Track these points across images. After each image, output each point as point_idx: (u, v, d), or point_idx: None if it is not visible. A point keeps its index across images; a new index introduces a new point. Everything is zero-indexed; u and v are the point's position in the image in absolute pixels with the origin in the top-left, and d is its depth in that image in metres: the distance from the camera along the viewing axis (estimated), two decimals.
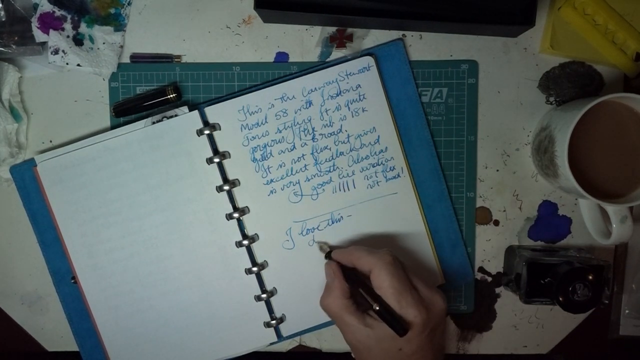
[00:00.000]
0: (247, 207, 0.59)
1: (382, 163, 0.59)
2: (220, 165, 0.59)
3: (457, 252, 0.61)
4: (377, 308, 0.51)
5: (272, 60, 0.61)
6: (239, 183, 0.59)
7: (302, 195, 0.60)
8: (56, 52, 0.59)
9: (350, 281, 0.54)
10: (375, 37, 0.60)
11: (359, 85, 0.59)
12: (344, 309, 0.53)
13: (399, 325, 0.51)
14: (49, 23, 0.58)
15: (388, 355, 0.52)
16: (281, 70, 0.60)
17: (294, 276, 0.60)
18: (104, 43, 0.59)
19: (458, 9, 0.55)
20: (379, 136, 0.59)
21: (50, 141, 0.61)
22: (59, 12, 0.59)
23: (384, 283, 0.52)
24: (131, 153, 0.59)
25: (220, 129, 0.59)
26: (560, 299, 0.56)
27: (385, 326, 0.51)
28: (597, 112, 0.53)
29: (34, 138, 0.61)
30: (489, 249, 0.62)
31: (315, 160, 0.59)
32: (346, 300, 0.54)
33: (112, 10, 0.59)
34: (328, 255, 0.58)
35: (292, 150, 0.59)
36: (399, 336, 0.51)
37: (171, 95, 0.59)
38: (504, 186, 0.61)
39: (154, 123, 0.59)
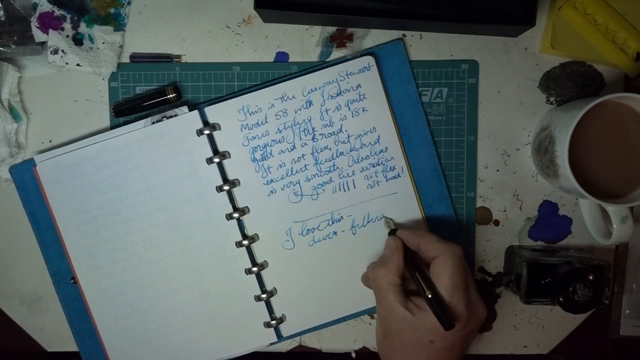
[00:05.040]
0: (247, 207, 0.59)
1: (382, 163, 0.59)
2: (220, 165, 0.59)
3: None
4: (430, 296, 0.51)
5: (272, 60, 0.60)
6: (239, 183, 0.59)
7: (302, 195, 0.59)
8: (56, 51, 0.59)
9: (408, 263, 0.54)
10: (375, 37, 0.60)
11: (359, 85, 0.59)
12: (393, 285, 0.53)
13: (447, 318, 0.50)
14: (49, 23, 0.58)
15: (417, 344, 0.52)
16: (281, 70, 0.60)
17: (294, 276, 0.60)
18: (103, 43, 0.59)
19: (458, 9, 0.55)
20: (379, 136, 0.59)
21: (50, 141, 0.61)
22: (58, 12, 0.59)
23: (445, 272, 0.52)
24: (131, 153, 0.59)
25: (220, 129, 0.59)
26: (561, 299, 0.56)
27: (425, 316, 0.51)
28: (598, 112, 0.53)
29: (34, 138, 0.61)
30: (489, 249, 0.62)
31: (316, 160, 0.59)
32: (397, 278, 0.53)
33: (112, 10, 0.59)
34: (392, 233, 0.58)
35: (292, 150, 0.59)
36: (444, 329, 0.50)
37: (171, 95, 0.59)
38: (504, 186, 0.61)
39: (153, 123, 0.59)
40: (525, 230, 0.62)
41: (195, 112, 0.58)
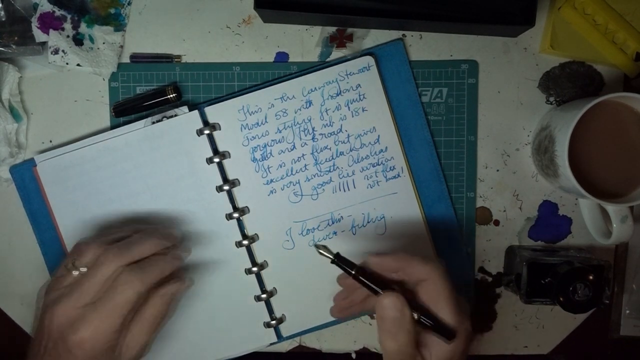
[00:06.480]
0: (247, 207, 0.59)
1: (382, 163, 0.59)
2: (220, 165, 0.59)
3: (457, 252, 0.61)
4: (430, 325, 0.47)
5: (272, 60, 0.61)
6: (239, 183, 0.59)
7: (302, 195, 0.59)
8: (56, 52, 0.59)
9: (413, 307, 0.47)
10: (375, 37, 0.60)
11: (359, 85, 0.59)
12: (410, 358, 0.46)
13: (445, 330, 0.48)
14: (49, 23, 0.58)
15: None
16: (281, 70, 0.60)
17: (294, 276, 0.60)
18: (103, 43, 0.59)
19: (458, 9, 0.55)
20: (379, 136, 0.59)
21: (50, 141, 0.61)
22: (58, 12, 0.59)
23: (442, 293, 0.48)
24: (131, 153, 0.59)
25: (220, 129, 0.59)
26: (561, 299, 0.56)
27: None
28: (597, 112, 0.53)
29: (34, 138, 0.61)
30: (489, 249, 0.62)
31: (315, 160, 0.59)
32: (414, 350, 0.46)
33: (112, 10, 0.59)
34: (337, 260, 0.50)
35: (292, 150, 0.59)
36: (447, 340, 0.47)
37: (171, 95, 0.59)
38: (504, 186, 0.61)
39: (153, 123, 0.59)
40: (525, 230, 0.62)
41: (195, 112, 0.58)
